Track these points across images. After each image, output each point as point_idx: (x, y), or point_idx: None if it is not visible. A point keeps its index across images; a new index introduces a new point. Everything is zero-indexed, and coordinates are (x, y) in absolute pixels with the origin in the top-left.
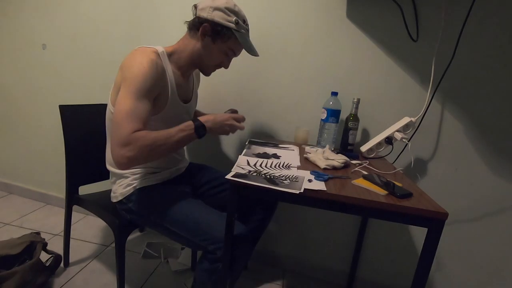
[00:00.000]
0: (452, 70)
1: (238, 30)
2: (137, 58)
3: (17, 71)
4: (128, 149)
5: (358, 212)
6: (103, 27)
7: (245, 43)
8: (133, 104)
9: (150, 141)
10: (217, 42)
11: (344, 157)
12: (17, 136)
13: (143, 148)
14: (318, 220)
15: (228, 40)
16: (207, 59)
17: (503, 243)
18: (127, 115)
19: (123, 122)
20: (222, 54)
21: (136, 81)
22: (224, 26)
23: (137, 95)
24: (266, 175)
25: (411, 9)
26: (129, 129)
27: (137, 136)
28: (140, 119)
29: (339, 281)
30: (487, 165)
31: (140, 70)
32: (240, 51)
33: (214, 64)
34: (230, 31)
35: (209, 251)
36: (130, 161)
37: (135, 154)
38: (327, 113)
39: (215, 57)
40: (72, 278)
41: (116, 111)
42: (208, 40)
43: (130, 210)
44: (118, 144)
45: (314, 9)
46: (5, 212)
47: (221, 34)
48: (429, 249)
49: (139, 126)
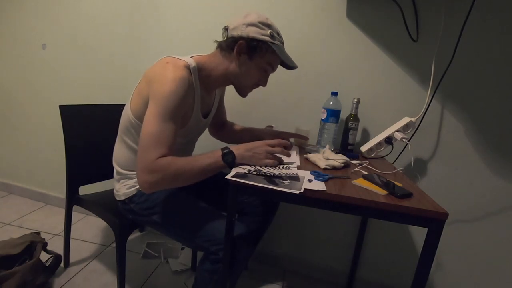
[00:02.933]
0: (452, 70)
1: (274, 42)
2: (169, 73)
3: (17, 71)
4: (152, 176)
5: (358, 212)
6: (103, 27)
7: (282, 54)
8: (161, 126)
9: (175, 169)
10: (254, 59)
11: (344, 157)
12: (17, 136)
13: (167, 176)
14: (318, 220)
15: (266, 54)
16: (244, 79)
17: (503, 243)
18: (154, 139)
19: (150, 148)
20: (260, 71)
21: (167, 101)
22: (260, 40)
23: (166, 117)
24: (266, 173)
25: (411, 9)
26: (155, 156)
27: (162, 164)
28: (166, 144)
29: (339, 281)
30: (487, 165)
31: (172, 90)
32: (277, 65)
33: (253, 83)
34: (266, 45)
35: (211, 251)
36: (153, 187)
37: (159, 180)
38: (327, 113)
39: (253, 75)
40: (72, 278)
41: (143, 132)
42: (245, 58)
43: (132, 210)
44: (143, 170)
45: (314, 9)
46: (5, 212)
47: (257, 49)
48: (429, 249)
49: (165, 151)
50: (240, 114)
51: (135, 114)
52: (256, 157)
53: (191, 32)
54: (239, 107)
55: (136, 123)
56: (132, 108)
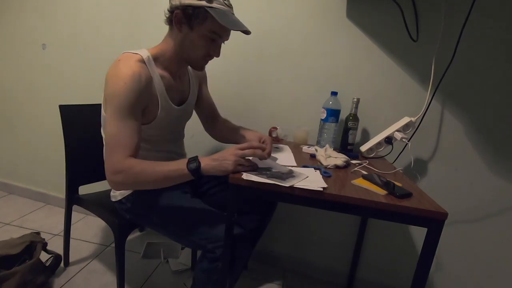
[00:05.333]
0: (452, 70)
1: (213, 7)
2: (119, 71)
3: (17, 71)
4: (116, 176)
5: (358, 212)
6: (103, 27)
7: (223, 18)
8: (118, 126)
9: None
10: (194, 28)
11: (345, 156)
12: (17, 136)
13: (130, 177)
14: (318, 220)
15: (205, 21)
16: (191, 51)
17: (503, 243)
18: (115, 140)
19: (112, 149)
20: (206, 40)
21: (119, 99)
22: (195, 7)
23: (121, 115)
24: (267, 172)
25: (411, 9)
26: (117, 157)
27: (125, 165)
28: (127, 143)
29: (339, 281)
30: (487, 165)
31: (121, 87)
32: (226, 32)
33: (202, 55)
34: (203, 10)
35: (208, 250)
36: (119, 186)
37: (123, 181)
38: (327, 113)
39: (200, 46)
40: (72, 278)
41: (106, 134)
42: (185, 28)
43: (129, 210)
44: (108, 170)
45: (314, 9)
46: (5, 212)
47: (194, 17)
48: (429, 249)
49: (129, 152)
50: (240, 114)
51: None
52: (224, 165)
53: None
54: (239, 107)
55: None
56: (103, 107)
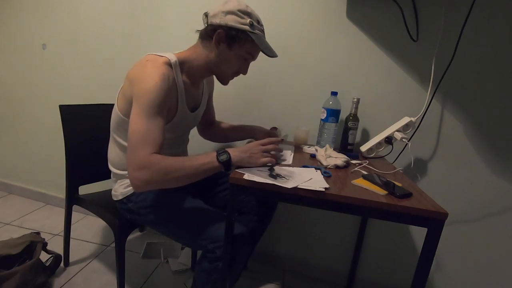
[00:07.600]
0: (452, 70)
1: (254, 32)
2: (148, 71)
3: (17, 71)
4: (142, 173)
5: (358, 212)
6: (103, 27)
7: (261, 44)
8: (147, 123)
9: (165, 166)
10: (233, 48)
11: (345, 156)
12: (17, 136)
13: (157, 172)
14: (318, 220)
15: (245, 44)
16: (224, 68)
17: (503, 243)
18: (142, 137)
19: (138, 146)
20: (240, 59)
21: (149, 98)
22: (239, 30)
23: (150, 113)
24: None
25: (411, 9)
26: (144, 153)
27: (152, 160)
28: (154, 141)
29: (339, 281)
30: (487, 164)
31: (152, 86)
32: (258, 54)
33: (233, 72)
34: (245, 34)
35: (209, 249)
36: (145, 184)
37: (150, 177)
38: (327, 113)
39: (233, 64)
40: (72, 278)
41: (131, 131)
42: (224, 47)
43: (130, 210)
44: (133, 167)
45: (314, 9)
46: (5, 212)
47: (236, 39)
48: (429, 249)
49: (154, 149)
50: (240, 114)
51: (122, 112)
52: (254, 157)
53: (192, 33)
54: (239, 107)
55: (125, 120)
56: (119, 108)
